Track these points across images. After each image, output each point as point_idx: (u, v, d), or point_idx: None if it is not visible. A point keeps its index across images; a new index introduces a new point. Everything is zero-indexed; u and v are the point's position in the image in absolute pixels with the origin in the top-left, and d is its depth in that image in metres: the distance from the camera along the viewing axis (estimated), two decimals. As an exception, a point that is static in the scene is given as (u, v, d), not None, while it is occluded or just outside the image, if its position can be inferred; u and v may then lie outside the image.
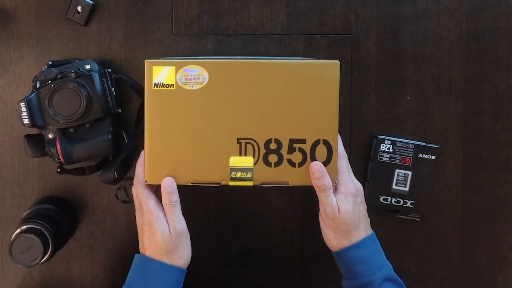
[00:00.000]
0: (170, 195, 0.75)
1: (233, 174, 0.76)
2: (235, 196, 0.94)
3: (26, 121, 0.81)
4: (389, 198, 0.92)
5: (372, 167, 0.92)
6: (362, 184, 0.81)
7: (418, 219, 0.94)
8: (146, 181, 0.76)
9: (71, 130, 0.83)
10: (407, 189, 0.91)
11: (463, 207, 0.94)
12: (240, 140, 0.76)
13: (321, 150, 0.76)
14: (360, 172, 0.93)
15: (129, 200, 0.92)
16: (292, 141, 0.76)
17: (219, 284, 0.95)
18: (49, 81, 0.82)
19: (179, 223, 0.75)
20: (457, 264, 0.95)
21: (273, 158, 0.76)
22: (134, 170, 0.78)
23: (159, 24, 0.91)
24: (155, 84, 0.75)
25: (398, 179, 0.91)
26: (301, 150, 0.76)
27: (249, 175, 0.76)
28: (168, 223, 0.75)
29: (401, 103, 0.93)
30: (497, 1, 0.92)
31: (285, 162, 0.76)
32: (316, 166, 0.76)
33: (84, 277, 0.94)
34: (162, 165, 0.76)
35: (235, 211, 0.94)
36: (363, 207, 0.80)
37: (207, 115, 0.75)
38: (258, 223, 0.95)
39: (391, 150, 0.91)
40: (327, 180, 0.76)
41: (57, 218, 0.87)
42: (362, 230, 0.78)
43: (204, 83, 0.75)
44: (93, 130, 0.84)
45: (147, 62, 0.75)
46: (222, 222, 0.94)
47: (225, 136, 0.75)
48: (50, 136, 0.83)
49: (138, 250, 0.78)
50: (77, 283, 0.94)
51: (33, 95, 0.82)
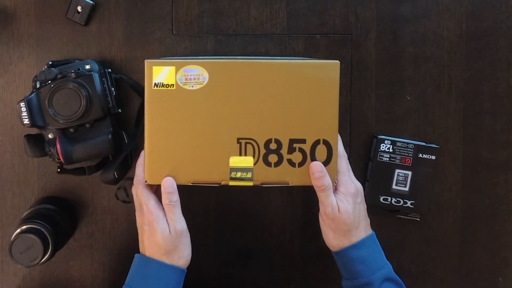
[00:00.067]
0: (170, 195, 0.75)
1: (233, 174, 0.76)
2: (235, 196, 0.94)
3: (26, 121, 0.81)
4: (389, 198, 0.92)
5: (372, 167, 0.92)
6: (362, 184, 0.81)
7: (418, 219, 0.94)
8: (146, 181, 0.76)
9: (71, 130, 0.83)
10: (407, 189, 0.91)
11: (463, 207, 0.94)
12: (240, 140, 0.76)
13: (321, 150, 0.76)
14: (360, 172, 0.93)
15: (129, 200, 0.92)
16: (292, 141, 0.76)
17: (219, 284, 0.95)
18: (49, 81, 0.82)
19: (179, 223, 0.75)
20: (457, 264, 0.95)
21: (273, 158, 0.76)
22: (134, 170, 0.78)
23: (159, 24, 0.91)
24: (155, 84, 0.75)
25: (398, 179, 0.91)
26: (301, 150, 0.76)
27: (249, 175, 0.76)
28: (168, 223, 0.75)
29: (401, 103, 0.93)
30: (497, 1, 0.92)
31: (285, 162, 0.76)
32: (316, 166, 0.76)
33: (84, 277, 0.94)
34: (162, 165, 0.76)
35: (235, 211, 0.94)
36: (363, 207, 0.80)
37: (207, 115, 0.75)
38: (258, 223, 0.95)
39: (391, 150, 0.91)
40: (327, 180, 0.76)
41: (57, 218, 0.87)
42: (362, 230, 0.78)
43: (204, 83, 0.75)
44: (93, 130, 0.84)
45: (147, 62, 0.75)
46: (222, 222, 0.94)
47: (225, 136, 0.75)
48: (50, 136, 0.83)
49: (138, 250, 0.78)
50: (77, 283, 0.94)
51: (33, 95, 0.82)
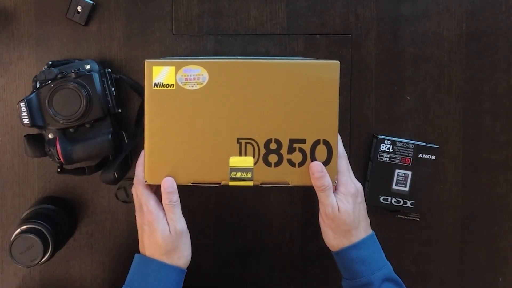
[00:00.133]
0: (170, 195, 0.75)
1: (233, 174, 0.76)
2: (235, 196, 0.94)
3: (26, 121, 0.81)
4: (389, 198, 0.92)
5: (372, 167, 0.92)
6: (362, 184, 0.81)
7: (418, 219, 0.94)
8: (146, 181, 0.76)
9: (71, 130, 0.83)
10: (407, 189, 0.91)
11: (463, 207, 0.94)
12: (240, 140, 0.76)
13: (321, 150, 0.76)
14: (360, 172, 0.93)
15: (129, 200, 0.92)
16: (292, 141, 0.76)
17: (219, 284, 0.95)
18: (49, 81, 0.82)
19: (179, 223, 0.75)
20: (457, 264, 0.95)
21: (273, 158, 0.76)
22: (134, 170, 0.78)
23: (159, 24, 0.91)
24: (155, 84, 0.75)
25: (398, 179, 0.91)
26: (301, 150, 0.76)
27: (249, 175, 0.76)
28: (168, 223, 0.75)
29: (401, 103, 0.93)
30: (497, 1, 0.92)
31: (285, 162, 0.76)
32: (316, 166, 0.76)
33: (84, 277, 0.94)
34: (162, 165, 0.76)
35: (235, 211, 0.94)
36: (363, 207, 0.80)
37: (207, 115, 0.75)
38: (258, 223, 0.95)
39: (391, 150, 0.91)
40: (327, 180, 0.76)
41: (57, 218, 0.87)
42: (362, 230, 0.78)
43: (204, 83, 0.75)
44: (93, 130, 0.84)
45: (147, 62, 0.75)
46: (222, 222, 0.94)
47: (225, 136, 0.75)
48: (50, 136, 0.83)
49: (138, 250, 0.78)
50: (77, 283, 0.94)
51: (33, 95, 0.82)
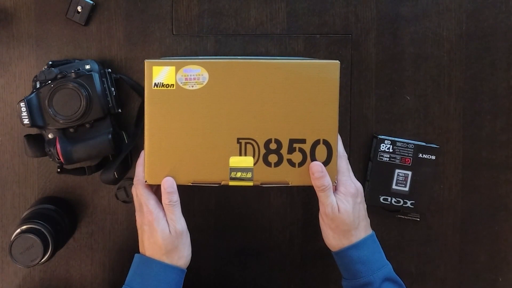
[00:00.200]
0: (170, 195, 0.75)
1: (233, 174, 0.76)
2: (235, 196, 0.94)
3: (26, 121, 0.81)
4: (389, 198, 0.92)
5: (372, 167, 0.92)
6: (362, 184, 0.81)
7: (418, 219, 0.94)
8: (146, 181, 0.76)
9: (71, 130, 0.83)
10: (407, 189, 0.91)
11: (463, 207, 0.94)
12: (240, 140, 0.76)
13: (321, 150, 0.76)
14: (360, 172, 0.93)
15: (129, 200, 0.92)
16: (292, 141, 0.76)
17: (219, 284, 0.95)
18: (49, 81, 0.82)
19: (179, 223, 0.75)
20: (457, 264, 0.95)
21: (273, 158, 0.76)
22: (134, 170, 0.78)
23: (159, 24, 0.91)
24: (155, 84, 0.75)
25: (398, 179, 0.91)
26: (301, 150, 0.76)
27: (249, 175, 0.76)
28: (168, 223, 0.75)
29: (401, 103, 0.93)
30: (497, 1, 0.92)
31: (285, 162, 0.76)
32: (316, 166, 0.76)
33: (84, 277, 0.94)
34: (162, 165, 0.76)
35: (235, 211, 0.94)
36: (363, 207, 0.80)
37: (207, 115, 0.75)
38: (258, 223, 0.95)
39: (391, 150, 0.91)
40: (327, 180, 0.76)
41: (57, 218, 0.87)
42: (362, 230, 0.78)
43: (204, 83, 0.75)
44: (93, 130, 0.84)
45: (147, 62, 0.75)
46: (222, 222, 0.94)
47: (225, 136, 0.75)
48: (50, 136, 0.83)
49: (138, 250, 0.78)
50: (77, 283, 0.94)
51: (33, 95, 0.82)
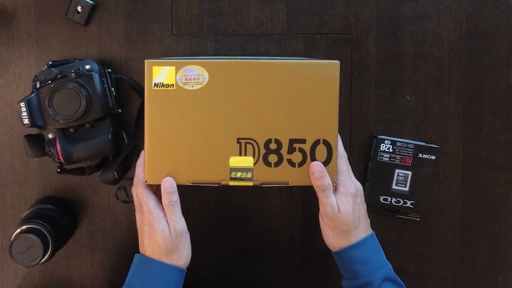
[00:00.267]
0: (170, 195, 0.75)
1: (233, 174, 0.76)
2: (235, 196, 0.94)
3: (26, 121, 0.81)
4: (389, 198, 0.92)
5: (372, 167, 0.92)
6: (362, 184, 0.81)
7: (418, 219, 0.94)
8: (146, 181, 0.76)
9: (71, 130, 0.83)
10: (407, 189, 0.91)
11: (463, 207, 0.94)
12: (240, 140, 0.76)
13: (321, 150, 0.76)
14: (360, 172, 0.93)
15: (129, 200, 0.92)
16: (292, 141, 0.76)
17: (219, 284, 0.95)
18: (49, 81, 0.82)
19: (179, 223, 0.75)
20: (457, 264, 0.95)
21: (273, 158, 0.76)
22: (134, 170, 0.78)
23: (159, 24, 0.91)
24: (155, 84, 0.75)
25: (398, 179, 0.91)
26: (301, 150, 0.76)
27: (249, 175, 0.76)
28: (168, 223, 0.75)
29: (401, 103, 0.93)
30: (497, 1, 0.92)
31: (285, 162, 0.76)
32: (316, 166, 0.76)
33: (84, 277, 0.94)
34: (162, 165, 0.76)
35: (235, 211, 0.94)
36: (363, 207, 0.80)
37: (207, 115, 0.75)
38: (258, 223, 0.95)
39: (391, 150, 0.91)
40: (327, 180, 0.76)
41: (57, 218, 0.87)
42: (362, 230, 0.78)
43: (204, 83, 0.75)
44: (93, 130, 0.84)
45: (147, 62, 0.75)
46: (222, 222, 0.94)
47: (225, 136, 0.75)
48: (50, 136, 0.83)
49: (138, 250, 0.78)
50: (77, 283, 0.93)
51: (33, 95, 0.82)
